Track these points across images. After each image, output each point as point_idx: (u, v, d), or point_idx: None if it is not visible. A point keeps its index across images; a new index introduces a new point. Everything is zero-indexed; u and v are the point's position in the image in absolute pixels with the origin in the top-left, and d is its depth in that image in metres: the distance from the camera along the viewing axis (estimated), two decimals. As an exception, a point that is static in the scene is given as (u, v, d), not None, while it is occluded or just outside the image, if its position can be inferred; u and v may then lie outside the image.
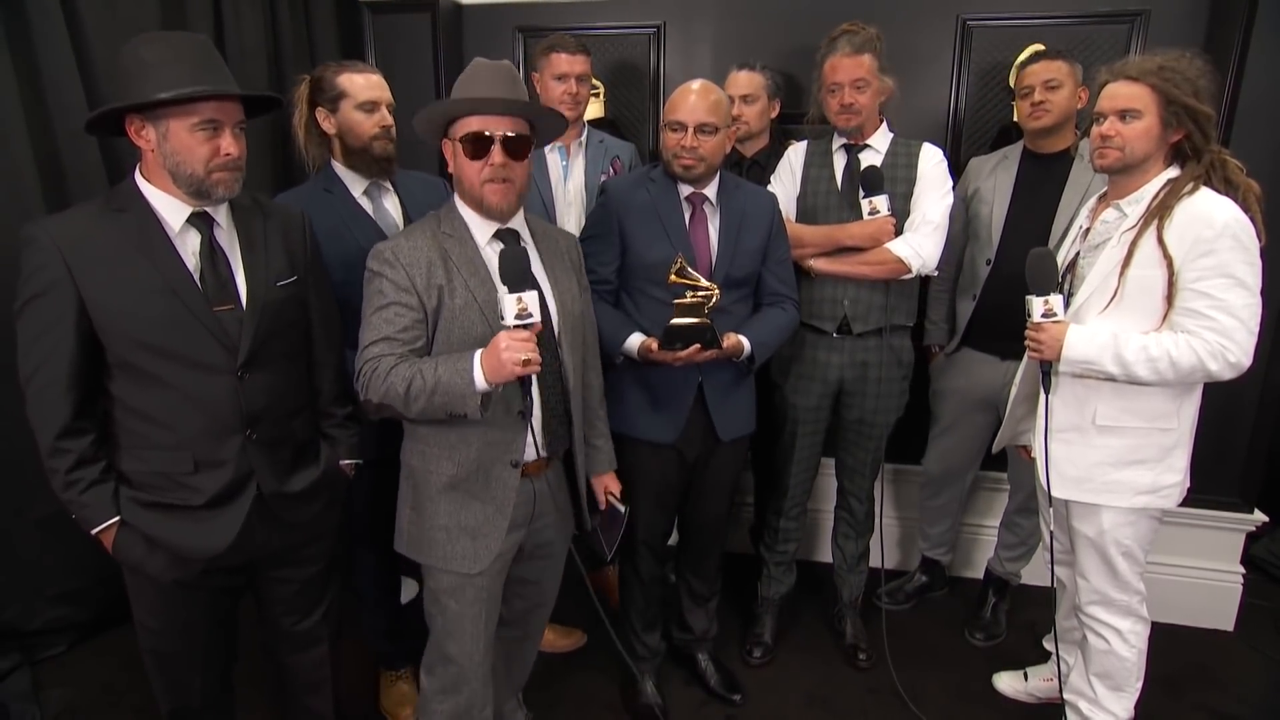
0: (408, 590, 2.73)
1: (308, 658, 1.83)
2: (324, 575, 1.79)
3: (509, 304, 1.45)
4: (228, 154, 1.43)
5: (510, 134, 1.53)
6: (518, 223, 1.66)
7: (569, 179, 2.44)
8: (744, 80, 2.50)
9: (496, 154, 1.53)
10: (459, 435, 1.60)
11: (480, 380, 1.45)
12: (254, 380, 1.52)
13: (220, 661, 1.73)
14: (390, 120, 1.95)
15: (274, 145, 2.81)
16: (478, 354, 1.46)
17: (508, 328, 1.44)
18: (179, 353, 1.44)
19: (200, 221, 1.48)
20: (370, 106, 1.92)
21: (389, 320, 1.53)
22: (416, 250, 1.55)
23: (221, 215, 1.52)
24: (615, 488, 1.92)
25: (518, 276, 1.46)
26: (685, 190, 2.01)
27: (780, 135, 2.65)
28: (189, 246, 1.48)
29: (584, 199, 2.45)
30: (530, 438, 1.62)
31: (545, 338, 1.61)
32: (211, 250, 1.49)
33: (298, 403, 1.66)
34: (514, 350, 1.41)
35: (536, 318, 1.46)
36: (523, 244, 1.64)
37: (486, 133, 1.52)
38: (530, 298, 1.46)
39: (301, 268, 1.63)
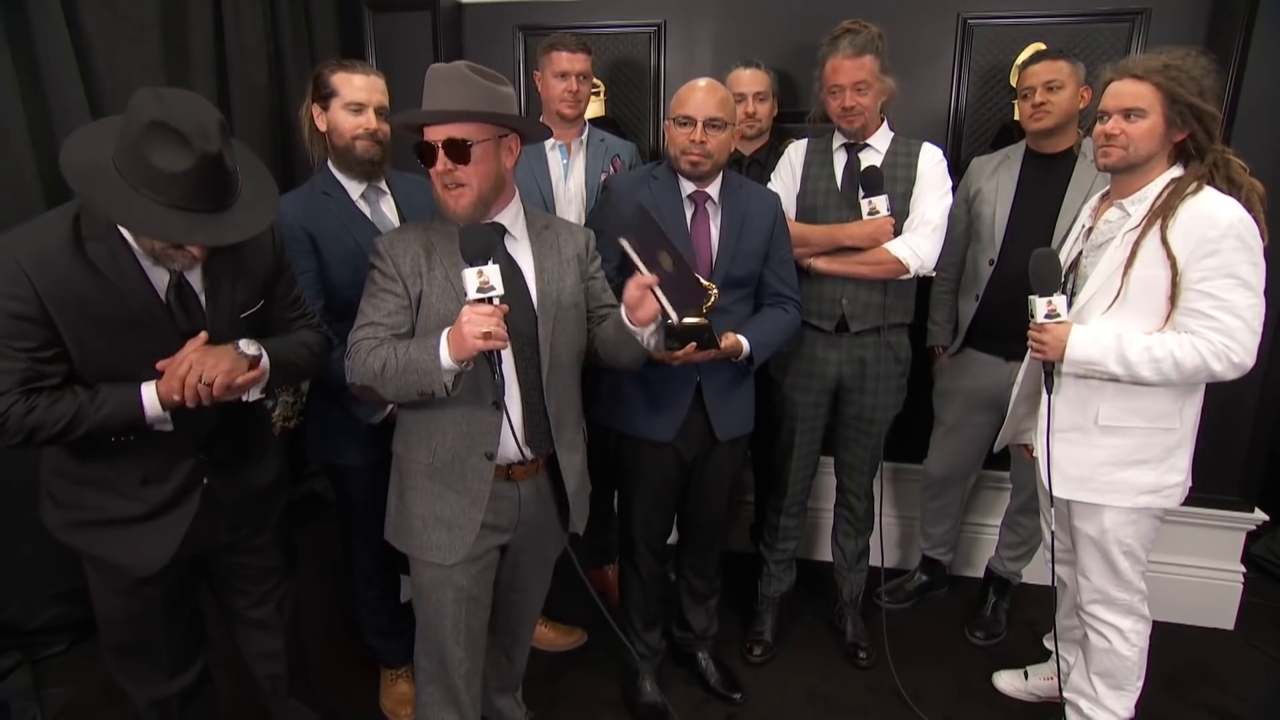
0: (407, 589, 2.73)
1: (264, 646, 1.84)
2: (276, 559, 1.79)
3: (469, 277, 1.44)
4: (188, 253, 1.38)
5: (448, 139, 1.51)
6: (508, 218, 1.65)
7: (569, 177, 2.45)
8: (752, 78, 2.49)
9: (440, 161, 1.53)
10: (435, 424, 1.62)
11: (445, 357, 1.46)
12: (211, 411, 1.49)
13: (188, 648, 1.73)
14: (374, 124, 1.93)
15: (274, 145, 2.81)
16: (445, 331, 1.48)
17: (470, 302, 1.45)
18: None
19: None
20: (357, 108, 1.92)
21: (375, 306, 1.58)
22: (405, 241, 1.60)
23: None
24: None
25: (478, 251, 1.46)
26: (688, 188, 2.00)
27: (779, 134, 2.65)
28: (160, 280, 1.44)
29: (584, 197, 2.45)
30: (511, 433, 1.61)
31: (525, 328, 1.62)
32: (180, 287, 1.46)
33: (249, 417, 1.67)
34: (475, 324, 1.41)
35: (499, 290, 1.45)
36: (506, 235, 1.65)
37: (428, 140, 1.54)
38: (491, 271, 1.44)
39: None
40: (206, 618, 1.83)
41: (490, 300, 1.45)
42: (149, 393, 1.39)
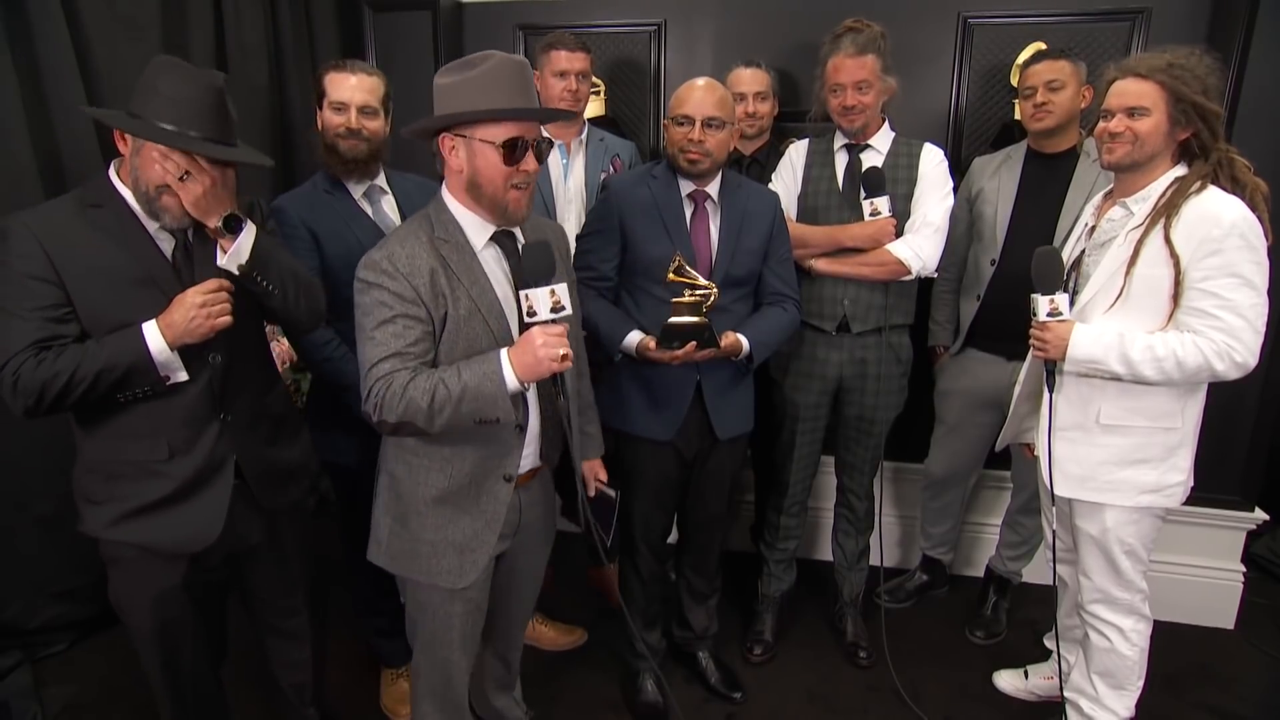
0: (408, 588, 2.73)
1: (294, 655, 1.88)
2: (304, 572, 1.83)
3: (542, 298, 1.40)
4: (178, 202, 1.43)
5: (540, 139, 1.49)
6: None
7: (569, 177, 2.44)
8: (752, 77, 2.49)
9: (530, 160, 1.46)
10: (453, 449, 1.54)
11: (512, 380, 1.40)
12: (224, 365, 1.55)
13: (207, 658, 1.76)
14: (356, 123, 1.93)
15: (274, 145, 2.81)
16: (504, 353, 1.42)
17: (542, 323, 1.41)
18: None
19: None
20: (339, 107, 1.93)
21: (397, 334, 1.43)
22: (415, 259, 1.45)
23: None
24: (603, 474, 1.89)
25: (544, 270, 1.43)
26: (687, 188, 2.00)
27: (779, 133, 2.65)
28: (165, 245, 1.50)
29: (584, 197, 2.45)
30: (529, 449, 1.60)
31: None
32: (186, 250, 1.52)
33: (267, 380, 1.70)
34: (551, 346, 1.38)
35: (569, 310, 1.43)
36: (519, 242, 1.60)
37: (526, 138, 1.45)
38: (562, 290, 1.42)
39: None
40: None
41: (559, 320, 1.42)
42: (150, 328, 1.41)
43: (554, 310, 1.41)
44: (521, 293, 1.44)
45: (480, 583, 1.67)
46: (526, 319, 1.43)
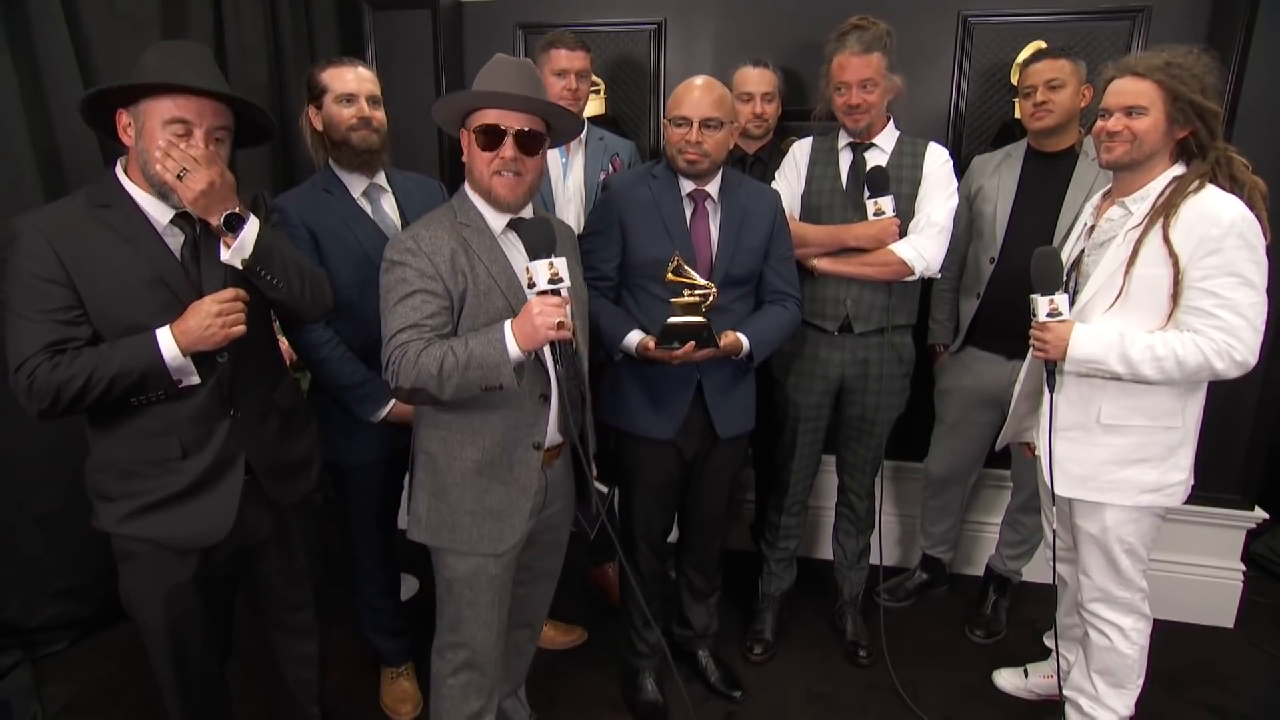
0: (407, 587, 2.73)
1: (300, 651, 1.89)
2: (312, 567, 1.83)
3: (540, 269, 1.48)
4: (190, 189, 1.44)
5: (523, 129, 1.56)
6: (527, 214, 1.67)
7: (569, 176, 2.44)
8: (759, 78, 2.49)
9: (508, 147, 1.55)
10: (482, 419, 1.62)
11: (514, 348, 1.47)
12: (231, 364, 1.56)
13: (215, 654, 1.76)
14: (368, 111, 1.94)
15: (274, 145, 2.81)
16: (508, 323, 1.49)
17: (541, 294, 1.48)
18: None
19: (184, 222, 1.51)
20: (349, 98, 1.93)
21: (415, 307, 1.53)
22: (438, 239, 1.56)
23: None
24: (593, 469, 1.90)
25: (543, 244, 1.49)
26: (687, 187, 2.00)
27: (780, 132, 2.64)
28: (174, 242, 1.51)
29: (583, 196, 2.45)
30: (552, 421, 1.66)
31: None
32: (195, 247, 1.53)
33: (274, 374, 1.71)
34: (547, 314, 1.45)
35: (568, 282, 1.50)
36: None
37: (501, 126, 1.54)
38: (560, 263, 1.49)
39: None
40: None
41: (558, 291, 1.48)
42: (164, 335, 1.44)
43: (552, 281, 1.48)
44: (522, 266, 1.54)
45: (507, 563, 1.71)
46: (528, 290, 1.51)
